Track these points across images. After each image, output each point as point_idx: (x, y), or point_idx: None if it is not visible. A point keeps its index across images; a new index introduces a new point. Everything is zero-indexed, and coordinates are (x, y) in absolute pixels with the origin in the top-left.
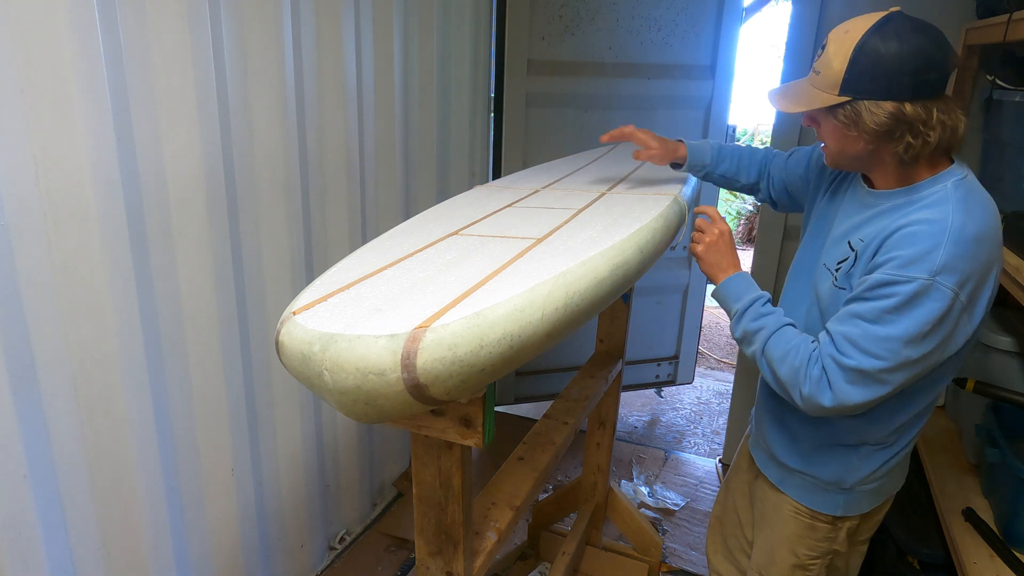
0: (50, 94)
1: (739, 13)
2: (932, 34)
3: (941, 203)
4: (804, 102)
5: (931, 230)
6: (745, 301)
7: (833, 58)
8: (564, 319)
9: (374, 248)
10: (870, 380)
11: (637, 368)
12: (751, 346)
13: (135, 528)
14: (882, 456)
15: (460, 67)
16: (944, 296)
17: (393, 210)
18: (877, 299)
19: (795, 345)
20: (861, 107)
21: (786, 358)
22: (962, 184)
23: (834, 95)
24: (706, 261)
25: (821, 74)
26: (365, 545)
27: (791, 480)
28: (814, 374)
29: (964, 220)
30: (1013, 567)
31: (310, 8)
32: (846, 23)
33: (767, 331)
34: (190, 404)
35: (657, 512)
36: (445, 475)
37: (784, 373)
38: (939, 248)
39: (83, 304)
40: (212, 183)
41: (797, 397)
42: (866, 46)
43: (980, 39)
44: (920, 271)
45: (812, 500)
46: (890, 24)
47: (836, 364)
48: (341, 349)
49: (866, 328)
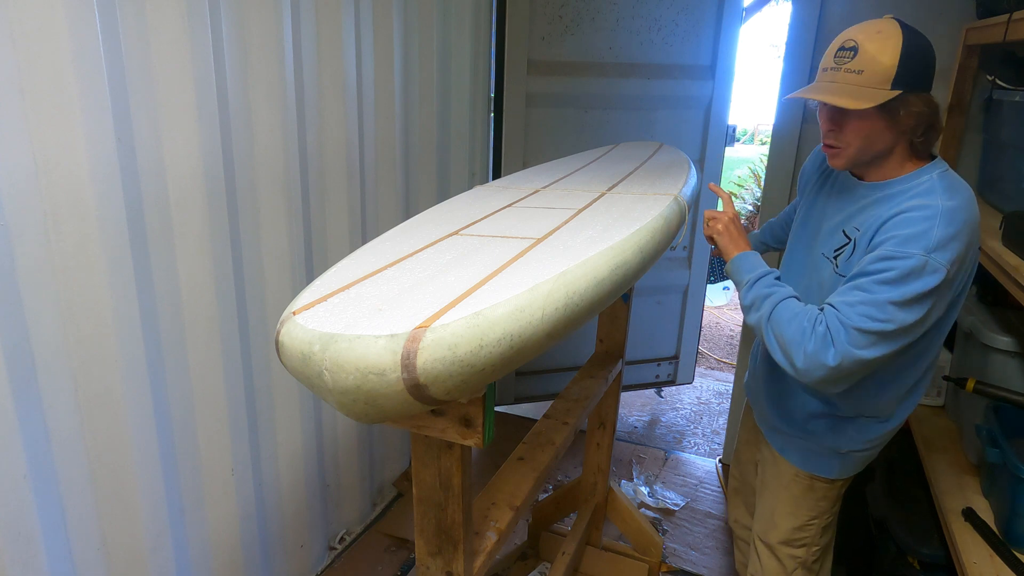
0: (50, 94)
1: (739, 13)
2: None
3: (930, 192)
4: (867, 98)
5: (924, 214)
6: (758, 272)
7: (879, 55)
8: (564, 319)
9: (374, 248)
10: (872, 338)
11: (637, 368)
12: (758, 311)
13: (135, 528)
14: (878, 428)
15: (460, 67)
16: (937, 270)
17: (393, 210)
18: (878, 272)
19: (801, 310)
20: (909, 100)
21: (793, 320)
22: (946, 175)
23: (886, 90)
24: (724, 237)
25: (865, 72)
26: (365, 545)
27: (791, 445)
28: (819, 331)
29: (952, 206)
30: (1013, 567)
31: (310, 8)
32: (863, 28)
33: (776, 297)
34: (190, 404)
35: (657, 512)
36: (445, 475)
37: (790, 333)
38: (932, 230)
39: (83, 304)
40: (212, 183)
41: (799, 356)
42: (909, 42)
43: (980, 39)
44: (917, 248)
45: (811, 464)
46: (904, 24)
47: (840, 324)
48: (341, 349)
49: (867, 295)
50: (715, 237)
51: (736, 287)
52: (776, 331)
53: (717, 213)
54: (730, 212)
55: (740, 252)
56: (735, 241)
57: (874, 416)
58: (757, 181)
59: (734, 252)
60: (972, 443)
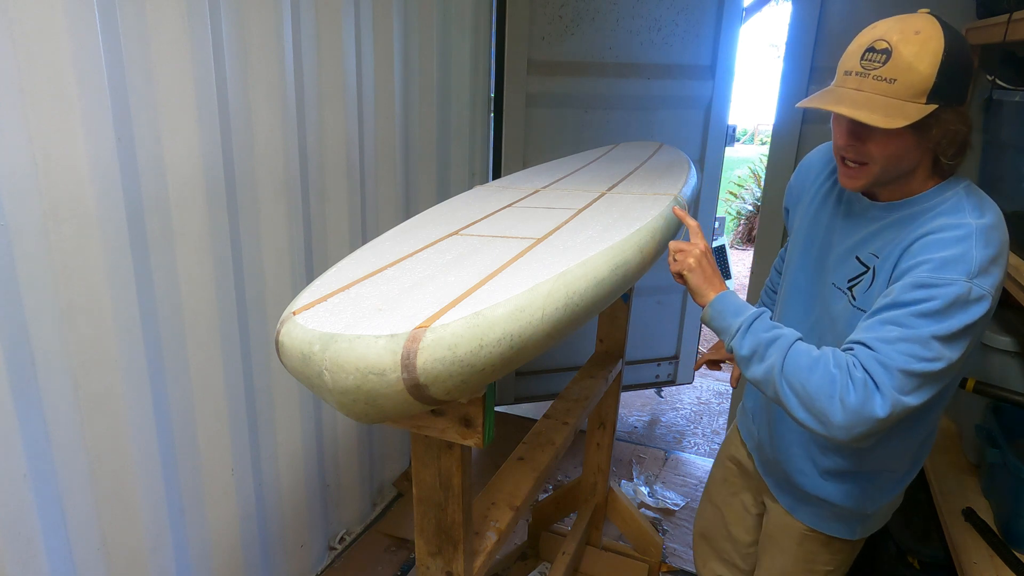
0: (50, 94)
1: (739, 13)
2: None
3: (958, 209)
4: (900, 115)
5: (957, 234)
6: (749, 315)
7: (916, 62)
8: (564, 319)
9: (374, 248)
10: (919, 381)
11: (637, 368)
12: (764, 361)
13: (135, 528)
14: (898, 485)
15: (460, 67)
16: (982, 299)
17: (393, 210)
18: (916, 303)
19: (821, 354)
20: (944, 115)
21: (816, 367)
22: (972, 190)
23: (922, 103)
24: (696, 275)
25: (899, 82)
26: (365, 545)
27: (805, 507)
28: (857, 377)
29: (985, 224)
30: (1013, 567)
31: (310, 8)
32: (904, 24)
33: (785, 341)
34: (190, 404)
35: (657, 512)
36: (445, 475)
37: (816, 384)
38: (971, 251)
39: (83, 304)
40: (212, 183)
41: (836, 410)
42: (952, 46)
43: (980, 39)
44: (958, 273)
45: (828, 527)
46: (945, 23)
47: (881, 366)
48: (341, 349)
49: (907, 331)
50: (685, 275)
51: (720, 335)
52: (795, 383)
53: (685, 245)
54: (701, 245)
55: (718, 293)
56: (709, 280)
57: (896, 469)
58: (757, 181)
59: (711, 294)
60: (972, 443)
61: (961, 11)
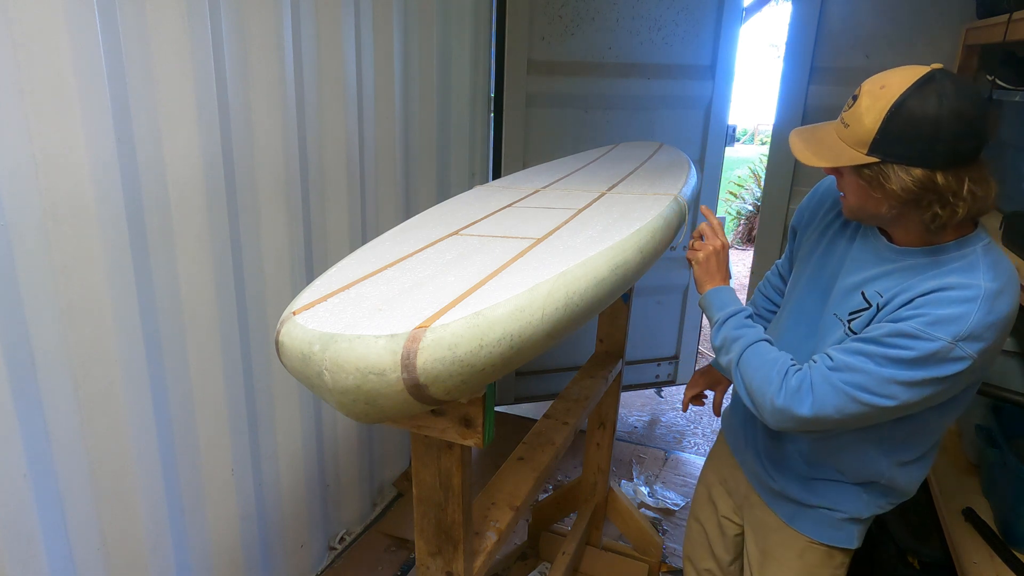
0: (50, 94)
1: (739, 13)
2: (974, 97)
3: (972, 269)
4: (830, 156)
5: (964, 295)
6: (729, 311)
7: (865, 114)
8: (564, 319)
9: (374, 248)
10: (862, 408)
11: (637, 368)
12: (727, 355)
13: (135, 528)
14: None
15: (460, 67)
16: (961, 359)
17: (393, 210)
18: (894, 347)
19: (773, 358)
20: (889, 170)
21: (761, 368)
22: (991, 249)
23: (862, 154)
24: (701, 268)
25: (850, 128)
26: (365, 545)
27: (805, 516)
28: (791, 384)
29: (996, 288)
30: (1013, 567)
31: (310, 8)
32: (883, 75)
33: (745, 340)
34: (190, 404)
35: (657, 512)
36: (445, 475)
37: (757, 382)
38: (970, 315)
39: (83, 304)
40: (212, 183)
41: (767, 406)
42: (903, 107)
43: (980, 39)
44: (945, 333)
45: (828, 536)
46: (931, 84)
47: (827, 382)
48: (341, 349)
49: (872, 367)
50: (693, 264)
51: (709, 324)
52: (745, 377)
53: (708, 235)
54: (718, 242)
55: (714, 287)
56: (710, 274)
57: (883, 483)
58: (757, 181)
59: (708, 286)
60: (972, 443)
61: (961, 11)
